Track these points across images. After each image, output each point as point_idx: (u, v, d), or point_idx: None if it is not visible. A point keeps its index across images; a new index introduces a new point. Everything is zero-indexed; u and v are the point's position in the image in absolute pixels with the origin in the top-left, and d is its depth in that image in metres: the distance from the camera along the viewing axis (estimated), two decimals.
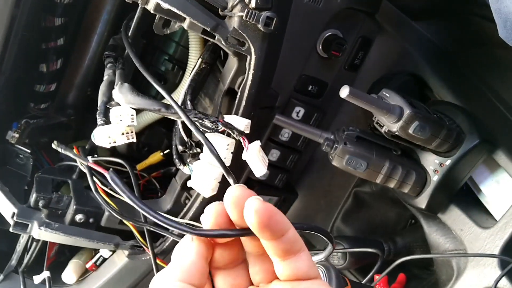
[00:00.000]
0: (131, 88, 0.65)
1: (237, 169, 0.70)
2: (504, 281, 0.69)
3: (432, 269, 0.90)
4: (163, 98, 0.90)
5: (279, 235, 0.36)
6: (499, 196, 0.75)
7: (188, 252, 0.38)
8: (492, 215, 0.77)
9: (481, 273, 0.73)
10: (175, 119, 0.65)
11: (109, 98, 0.68)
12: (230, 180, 0.44)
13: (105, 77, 0.72)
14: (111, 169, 0.49)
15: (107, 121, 0.65)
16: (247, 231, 0.36)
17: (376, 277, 0.89)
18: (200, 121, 0.64)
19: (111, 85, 0.69)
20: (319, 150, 0.99)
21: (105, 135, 0.61)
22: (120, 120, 0.62)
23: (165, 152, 0.90)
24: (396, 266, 0.83)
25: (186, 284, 0.36)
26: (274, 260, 0.38)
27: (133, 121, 0.62)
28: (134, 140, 0.64)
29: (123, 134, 0.62)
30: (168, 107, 0.64)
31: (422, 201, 0.78)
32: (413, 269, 0.93)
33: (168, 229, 0.79)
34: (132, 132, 0.64)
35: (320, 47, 0.82)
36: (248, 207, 0.35)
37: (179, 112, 0.59)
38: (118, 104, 0.65)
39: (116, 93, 0.65)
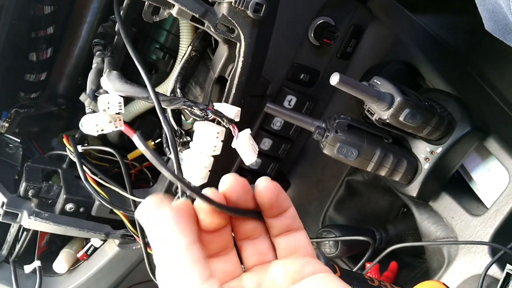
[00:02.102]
0: (119, 75, 0.64)
1: (228, 157, 0.70)
2: (494, 268, 0.69)
3: (424, 257, 0.90)
4: (155, 86, 0.90)
5: (283, 211, 0.39)
6: (490, 184, 0.75)
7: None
8: (483, 203, 0.77)
9: (471, 260, 0.73)
10: (164, 107, 0.64)
11: (98, 86, 0.68)
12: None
13: (94, 65, 0.71)
14: (138, 131, 0.47)
15: (95, 110, 0.64)
16: (252, 212, 0.39)
17: (368, 265, 0.89)
18: (190, 108, 0.63)
19: (99, 73, 0.69)
20: (311, 139, 0.99)
21: (93, 123, 0.60)
22: (108, 108, 0.61)
23: (156, 141, 0.89)
24: (388, 255, 0.83)
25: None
26: (276, 239, 0.40)
27: (121, 109, 0.62)
28: (123, 128, 0.63)
29: (111, 122, 0.62)
30: (157, 94, 0.63)
31: (413, 189, 0.77)
32: (405, 258, 0.93)
33: None
34: (120, 120, 0.63)
35: (312, 35, 0.82)
36: (261, 185, 0.38)
37: (152, 95, 0.59)
38: (107, 92, 0.65)
39: (104, 81, 0.64)
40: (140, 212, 0.36)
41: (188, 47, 0.76)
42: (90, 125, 0.61)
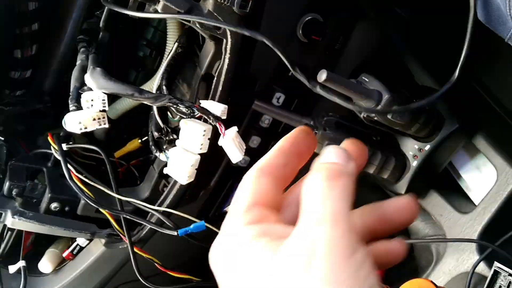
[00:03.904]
0: (103, 72, 0.63)
1: (216, 155, 0.69)
2: (482, 265, 0.69)
3: (413, 255, 0.90)
4: (142, 84, 0.89)
5: None
6: (478, 181, 0.75)
7: None
8: (471, 200, 0.77)
9: (459, 258, 0.73)
10: (149, 104, 0.63)
11: (82, 83, 0.67)
12: None
13: (78, 62, 0.70)
14: None
15: (79, 107, 0.63)
16: None
17: None
18: (175, 106, 0.63)
19: (84, 70, 0.68)
20: None
21: (76, 121, 0.60)
22: (91, 105, 0.60)
23: (143, 139, 0.88)
24: None
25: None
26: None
27: (105, 106, 0.61)
28: (107, 126, 0.62)
29: (94, 119, 0.61)
30: (142, 91, 0.62)
31: (401, 187, 0.77)
32: None
33: (146, 216, 0.78)
34: (104, 117, 0.62)
35: (300, 32, 0.81)
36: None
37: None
38: (91, 89, 0.64)
39: (88, 78, 0.63)
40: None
41: (175, 43, 0.75)
42: (73, 123, 0.60)
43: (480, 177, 0.75)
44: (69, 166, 0.73)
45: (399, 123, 0.69)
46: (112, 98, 0.67)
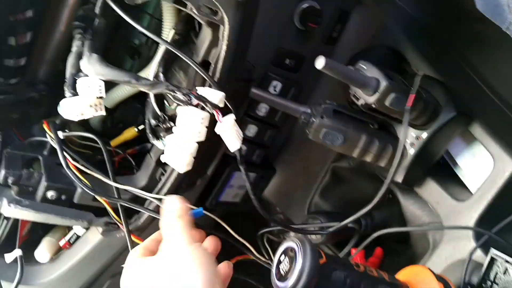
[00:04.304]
0: (99, 58, 0.63)
1: (213, 143, 0.68)
2: (478, 252, 0.70)
3: (409, 243, 0.90)
4: (138, 71, 0.88)
5: None
6: (475, 169, 0.75)
7: None
8: (468, 188, 0.77)
9: (456, 245, 0.73)
10: (146, 91, 0.63)
11: (78, 70, 0.66)
12: None
13: (74, 49, 0.69)
14: None
15: (75, 93, 0.63)
16: None
17: (353, 251, 0.89)
18: (172, 93, 0.62)
19: (79, 57, 0.67)
20: (297, 126, 0.98)
21: (72, 107, 0.59)
22: (88, 92, 0.60)
23: (139, 127, 0.87)
24: (374, 241, 0.83)
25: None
26: None
27: (101, 92, 0.61)
28: (103, 112, 0.62)
29: (91, 106, 0.61)
30: (139, 78, 0.62)
31: (398, 175, 0.77)
32: (390, 243, 0.93)
33: (143, 205, 0.78)
34: (100, 104, 0.62)
35: (297, 19, 0.81)
36: None
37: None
38: (87, 76, 0.63)
39: (84, 64, 0.63)
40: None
41: (171, 31, 0.74)
42: (69, 109, 0.60)
43: (477, 165, 0.75)
44: (65, 154, 0.73)
45: (397, 110, 0.69)
46: (108, 86, 0.67)
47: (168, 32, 0.76)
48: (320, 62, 0.63)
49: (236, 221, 0.75)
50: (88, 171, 0.75)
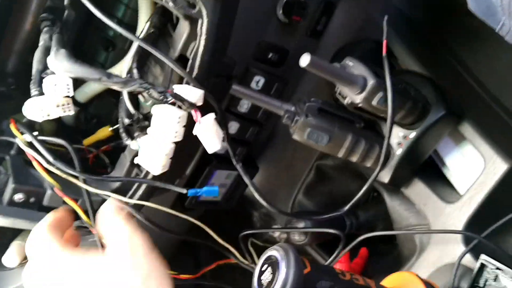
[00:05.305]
0: (68, 54, 0.58)
1: (192, 143, 0.65)
2: (468, 257, 0.67)
3: (395, 243, 0.88)
4: (112, 65, 0.84)
5: None
6: (464, 170, 0.73)
7: None
8: (457, 189, 0.74)
9: (444, 248, 0.71)
10: (118, 89, 0.59)
11: (45, 66, 0.61)
12: None
13: (41, 43, 0.65)
14: None
15: (42, 92, 0.58)
16: None
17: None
18: (147, 91, 0.58)
19: (47, 52, 0.62)
20: (281, 122, 0.95)
21: (37, 108, 0.55)
22: (54, 90, 0.55)
23: (114, 127, 0.83)
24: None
25: None
26: None
27: (69, 92, 0.56)
28: (72, 112, 0.58)
29: (58, 106, 0.56)
30: (110, 76, 0.57)
31: (385, 176, 0.74)
32: (376, 244, 0.91)
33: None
34: (69, 104, 0.57)
35: (280, 11, 0.77)
36: None
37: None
38: (54, 73, 0.58)
39: (51, 60, 0.58)
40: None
41: (146, 23, 0.70)
42: (34, 109, 0.55)
43: (466, 165, 0.72)
44: (34, 154, 0.68)
45: (384, 110, 0.66)
46: (81, 80, 0.62)
47: (144, 25, 0.71)
48: (304, 60, 0.59)
49: (218, 221, 0.73)
50: (59, 173, 0.70)
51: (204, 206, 0.95)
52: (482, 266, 0.63)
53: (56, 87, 0.55)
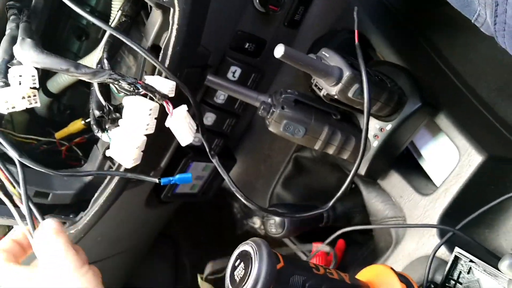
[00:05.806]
0: (34, 44, 0.56)
1: (164, 136, 0.63)
2: (442, 249, 0.67)
3: (372, 235, 0.88)
4: (86, 55, 0.82)
5: None
6: (440, 161, 0.73)
7: None
8: (433, 181, 0.74)
9: (419, 241, 0.71)
10: (87, 80, 0.57)
11: (11, 56, 0.59)
12: None
13: (7, 32, 0.62)
14: None
15: (7, 83, 0.56)
16: None
17: (315, 245, 0.86)
18: (117, 82, 0.56)
19: (13, 41, 0.60)
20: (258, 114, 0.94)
21: (2, 99, 0.53)
22: (20, 82, 0.53)
23: (87, 120, 0.81)
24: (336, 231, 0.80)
25: None
26: None
27: (35, 83, 0.54)
28: (38, 105, 0.56)
29: (24, 98, 0.54)
30: (78, 66, 0.55)
31: (361, 168, 0.74)
32: (352, 235, 0.91)
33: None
34: (35, 96, 0.55)
35: (257, 1, 0.75)
36: None
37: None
38: (21, 63, 0.56)
39: (17, 50, 0.56)
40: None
41: (118, 11, 0.68)
42: None
43: (442, 157, 0.72)
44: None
45: (360, 101, 0.65)
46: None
47: (116, 13, 0.69)
48: (279, 51, 0.58)
49: (198, 212, 0.71)
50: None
51: (180, 199, 0.94)
52: (456, 259, 0.64)
53: (22, 78, 0.53)
